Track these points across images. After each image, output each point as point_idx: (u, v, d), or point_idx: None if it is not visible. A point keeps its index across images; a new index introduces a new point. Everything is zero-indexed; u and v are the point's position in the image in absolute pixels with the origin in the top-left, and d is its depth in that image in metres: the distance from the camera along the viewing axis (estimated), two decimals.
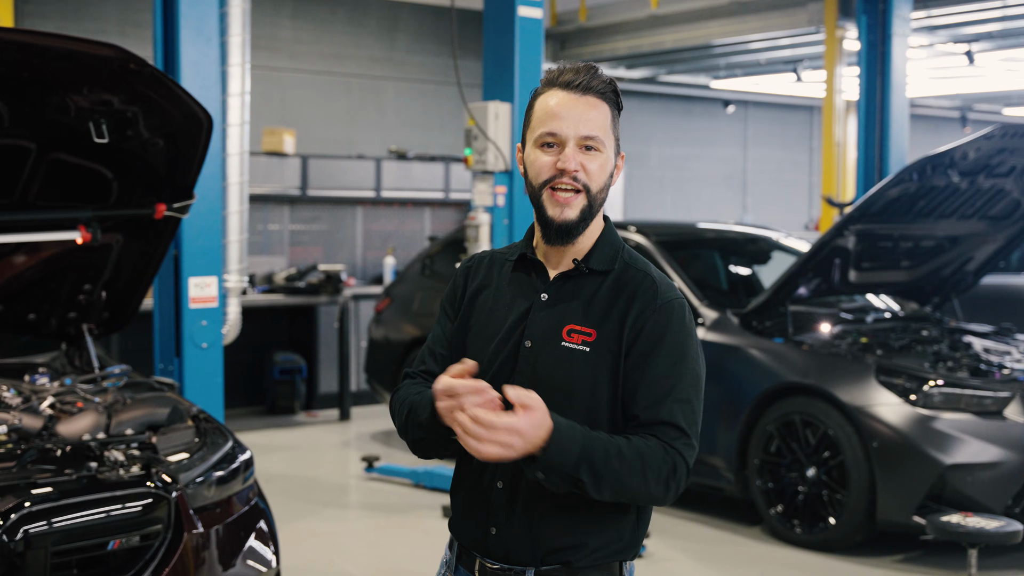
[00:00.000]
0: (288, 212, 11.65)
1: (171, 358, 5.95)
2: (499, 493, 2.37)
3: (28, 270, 4.51)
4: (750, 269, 8.33)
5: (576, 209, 2.32)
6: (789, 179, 19.47)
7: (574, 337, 2.33)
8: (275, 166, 11.30)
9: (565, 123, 2.31)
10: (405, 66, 13.85)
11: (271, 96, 12.94)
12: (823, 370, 6.44)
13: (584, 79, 2.32)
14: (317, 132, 13.10)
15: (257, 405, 10.78)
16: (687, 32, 13.18)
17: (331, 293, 10.60)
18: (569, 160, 2.30)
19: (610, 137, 2.35)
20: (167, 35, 5.86)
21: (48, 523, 3.39)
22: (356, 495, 7.80)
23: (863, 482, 6.10)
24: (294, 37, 13.17)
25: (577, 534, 2.33)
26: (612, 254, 2.40)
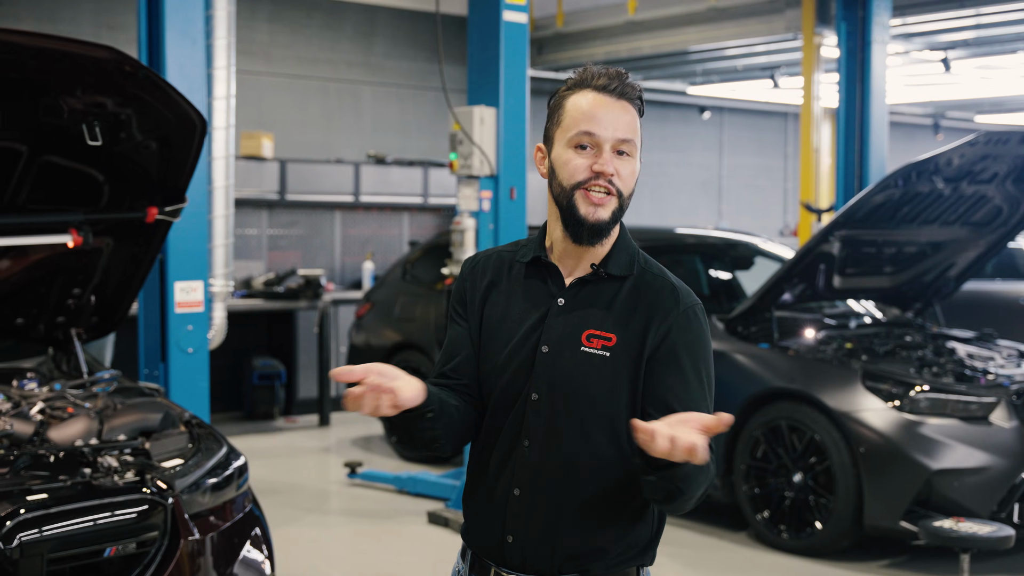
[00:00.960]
0: (266, 216, 11.59)
1: (156, 363, 5.90)
2: (517, 501, 2.35)
3: (17, 274, 4.45)
4: (731, 274, 8.34)
5: (609, 210, 2.31)
6: (764, 185, 19.55)
7: (594, 342, 2.31)
8: (253, 170, 11.24)
9: (602, 126, 2.29)
10: (382, 71, 13.81)
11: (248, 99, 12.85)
12: (809, 375, 6.45)
13: (619, 84, 2.32)
14: (294, 136, 13.04)
15: (236, 411, 10.71)
16: (664, 38, 13.20)
17: (310, 298, 10.55)
18: (607, 163, 2.29)
19: (639, 142, 2.35)
20: (152, 37, 5.81)
21: (43, 530, 3.35)
22: (339, 501, 7.75)
23: (850, 487, 6.11)
24: (270, 40, 13.11)
25: (597, 541, 2.31)
26: (629, 259, 2.39)
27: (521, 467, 2.34)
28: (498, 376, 2.38)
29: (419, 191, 12.44)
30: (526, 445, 2.34)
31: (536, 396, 2.34)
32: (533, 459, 2.33)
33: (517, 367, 2.36)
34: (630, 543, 2.34)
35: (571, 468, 2.31)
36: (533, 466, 2.33)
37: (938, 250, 7.40)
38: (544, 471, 2.32)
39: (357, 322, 9.59)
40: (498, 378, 2.38)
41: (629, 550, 2.35)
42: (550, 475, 2.32)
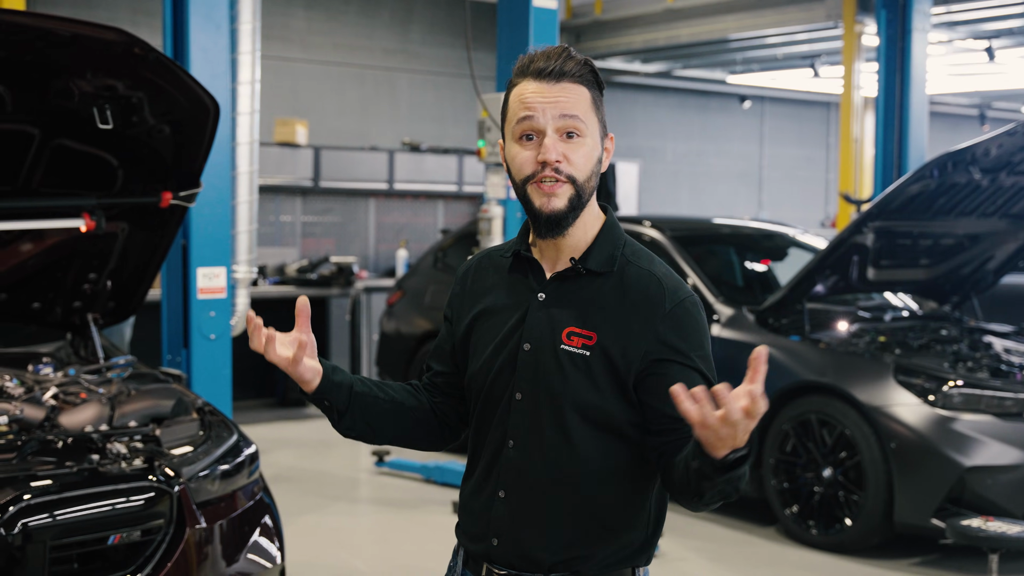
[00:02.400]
0: (300, 203, 11.59)
1: (179, 349, 5.88)
2: (500, 503, 2.26)
3: (33, 258, 4.43)
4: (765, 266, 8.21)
5: (563, 198, 2.18)
6: (805, 176, 19.34)
7: (574, 340, 2.20)
8: (287, 157, 11.23)
9: (540, 112, 2.16)
10: (419, 58, 13.76)
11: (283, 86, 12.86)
12: (840, 369, 6.33)
13: (556, 64, 2.17)
14: (330, 123, 13.02)
15: (268, 397, 10.72)
16: (703, 26, 13.06)
17: (343, 285, 10.52)
18: (549, 150, 2.16)
19: (592, 120, 2.20)
20: (177, 22, 5.78)
21: (47, 516, 3.32)
22: (366, 490, 7.72)
23: (880, 483, 5.99)
24: (307, 28, 13.09)
25: (582, 544, 2.22)
26: (611, 253, 2.26)
27: (506, 468, 2.26)
28: (484, 375, 2.30)
29: (454, 179, 12.39)
30: (510, 446, 2.25)
31: (520, 396, 2.25)
32: (517, 460, 2.24)
33: (501, 365, 2.28)
34: (621, 545, 2.24)
35: (554, 469, 2.21)
36: (517, 467, 2.24)
37: (976, 242, 7.25)
38: (528, 472, 2.23)
39: (388, 310, 9.55)
40: (484, 377, 2.30)
41: (620, 552, 2.24)
42: (534, 476, 2.23)
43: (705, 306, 6.90)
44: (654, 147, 17.18)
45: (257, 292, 10.27)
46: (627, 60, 15.48)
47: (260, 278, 10.47)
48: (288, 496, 7.28)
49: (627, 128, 16.75)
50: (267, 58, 12.62)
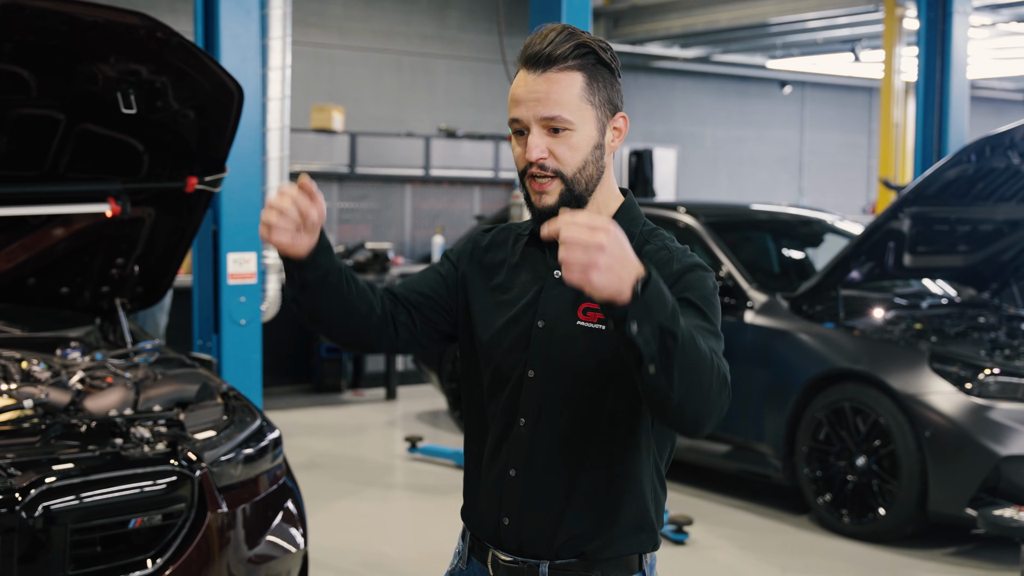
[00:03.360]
0: (337, 190, 11.60)
1: (209, 334, 5.89)
2: (512, 481, 2.24)
3: (60, 243, 4.45)
4: (803, 252, 8.13)
5: (554, 195, 2.15)
6: (847, 162, 19.15)
7: (590, 315, 2.17)
8: (324, 143, 11.25)
9: (524, 107, 2.14)
10: (456, 44, 13.74)
11: (321, 73, 12.89)
12: (875, 356, 6.26)
13: (546, 50, 2.12)
14: (367, 110, 13.03)
15: (304, 383, 10.76)
16: (742, 10, 12.95)
17: (378, 271, 10.54)
18: (532, 149, 2.13)
19: (582, 107, 2.15)
20: (207, 8, 5.78)
21: (68, 500, 3.33)
22: (399, 475, 7.73)
23: (914, 472, 5.92)
24: (344, 14, 13.10)
25: (592, 523, 2.19)
26: (629, 230, 2.19)
27: (517, 447, 2.24)
28: (493, 350, 2.27)
29: (490, 165, 12.37)
30: (522, 423, 2.23)
31: (532, 373, 2.22)
32: (529, 438, 2.22)
33: (513, 342, 2.25)
34: (629, 528, 2.22)
35: (567, 446, 2.19)
36: (528, 445, 2.22)
37: (1016, 228, 7.12)
38: (539, 450, 2.21)
39: None
40: (493, 353, 2.27)
41: (628, 534, 2.22)
42: (546, 454, 2.21)
43: (738, 293, 6.92)
44: (693, 133, 17.06)
45: None
46: (666, 45, 15.38)
47: None
48: (321, 481, 7.31)
49: (666, 114, 16.65)
50: (305, 45, 12.67)
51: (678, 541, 6.08)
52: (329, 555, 5.79)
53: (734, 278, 7.01)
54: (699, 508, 6.74)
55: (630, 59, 16.08)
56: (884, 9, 11.31)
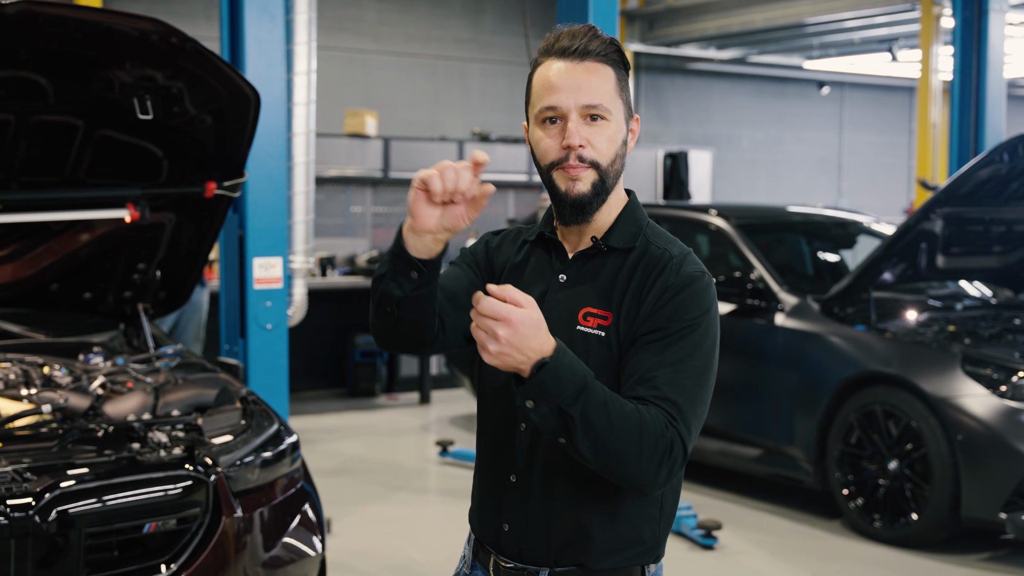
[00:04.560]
0: (371, 194, 11.62)
1: (236, 339, 5.91)
2: (512, 487, 2.22)
3: (82, 248, 4.48)
4: (838, 254, 8.05)
5: (587, 182, 2.14)
6: (887, 163, 18.96)
7: (590, 321, 2.16)
8: (357, 148, 11.27)
9: (564, 94, 2.12)
10: (490, 47, 13.74)
11: (355, 78, 12.93)
12: (906, 359, 6.18)
13: (581, 43, 2.12)
14: (402, 114, 13.05)
15: (339, 387, 10.79)
16: (778, 10, 12.85)
17: None
18: (573, 135, 2.11)
19: (617, 102, 2.16)
20: (232, 14, 5.80)
21: (82, 504, 3.34)
22: (429, 480, 7.72)
23: (947, 476, 5.84)
24: (379, 19, 13.14)
25: (592, 530, 2.16)
26: (634, 231, 2.22)
27: (518, 452, 2.22)
28: None
29: (524, 168, 12.34)
30: (523, 429, 2.21)
31: None
32: (529, 443, 2.20)
33: None
34: (629, 539, 2.18)
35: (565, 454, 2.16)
36: (529, 451, 2.20)
37: None
38: (540, 456, 2.19)
39: None
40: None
41: (629, 545, 2.18)
42: (546, 460, 2.18)
43: (769, 295, 6.85)
44: (730, 135, 16.96)
45: (328, 283, 10.35)
46: (701, 47, 15.30)
47: (329, 268, 10.54)
48: (352, 485, 7.32)
49: (702, 116, 16.57)
50: (339, 50, 12.72)
51: (707, 546, 6.03)
52: (355, 559, 5.79)
53: (764, 280, 6.95)
54: (729, 512, 6.68)
55: (666, 61, 16.02)
56: (920, 8, 11.19)
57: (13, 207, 4.17)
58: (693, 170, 13.59)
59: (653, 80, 16.00)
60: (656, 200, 13.22)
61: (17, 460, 3.44)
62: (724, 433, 7.01)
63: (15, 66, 3.71)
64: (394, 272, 2.07)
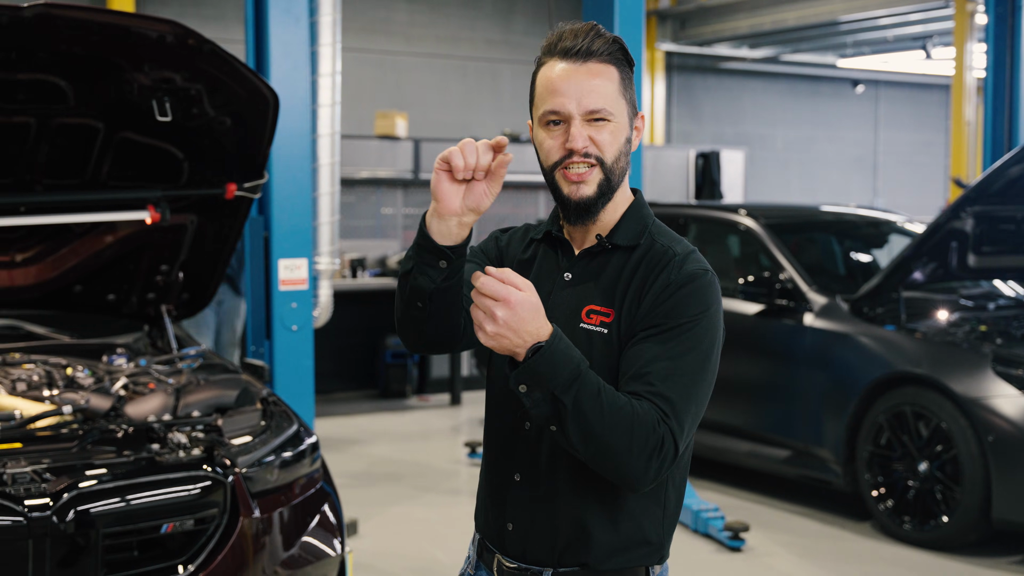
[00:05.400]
0: (401, 196, 11.63)
1: (262, 340, 5.93)
2: (516, 486, 2.22)
3: (105, 250, 4.51)
4: (870, 254, 7.98)
5: (593, 185, 2.13)
6: (923, 161, 18.79)
7: (593, 318, 2.15)
8: (387, 149, 11.28)
9: (567, 98, 2.11)
10: (521, 48, 13.72)
11: (387, 80, 12.96)
12: (936, 359, 6.11)
13: (584, 43, 2.12)
14: (433, 115, 13.06)
15: (370, 389, 10.81)
16: (810, 8, 12.77)
17: None
18: (576, 139, 2.11)
19: (620, 102, 2.15)
20: (258, 16, 5.82)
21: (100, 505, 3.35)
22: (458, 481, 7.72)
23: (978, 478, 5.77)
24: (409, 20, 13.16)
25: (593, 529, 2.15)
26: (639, 229, 2.20)
27: (523, 451, 2.21)
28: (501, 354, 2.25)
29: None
30: (527, 427, 2.20)
31: None
32: (534, 441, 2.19)
33: None
34: (633, 540, 2.16)
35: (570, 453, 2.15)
36: (533, 449, 2.20)
37: None
38: (544, 455, 2.18)
39: None
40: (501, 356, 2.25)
41: (632, 546, 2.17)
42: (550, 460, 2.17)
43: (797, 295, 6.79)
44: (763, 134, 16.86)
45: (357, 284, 10.37)
46: (734, 46, 15.22)
47: (360, 270, 10.56)
48: (381, 487, 7.33)
49: (735, 115, 16.48)
50: (370, 52, 12.75)
51: (734, 548, 5.98)
52: (380, 559, 5.79)
53: (793, 280, 6.90)
54: (757, 514, 6.64)
55: (698, 60, 15.94)
56: (954, 5, 11.09)
57: (36, 209, 4.20)
58: (725, 170, 13.52)
59: (685, 80, 15.94)
60: (688, 200, 13.15)
61: (37, 460, 3.47)
62: (752, 434, 6.97)
63: (35, 69, 3.74)
64: (421, 264, 2.07)
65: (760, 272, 7.13)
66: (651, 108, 15.26)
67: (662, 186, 13.04)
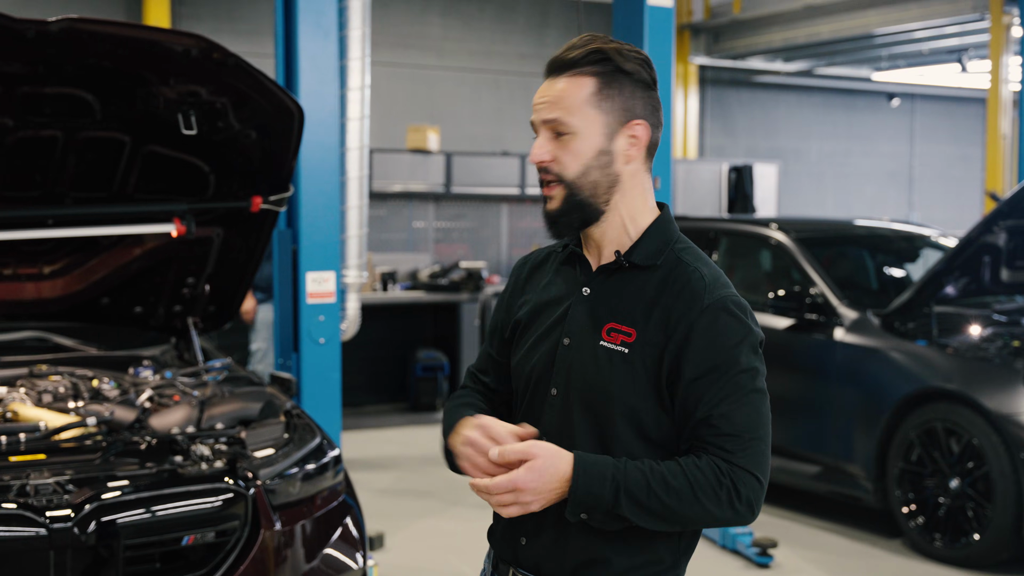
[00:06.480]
0: (433, 209, 11.66)
1: (289, 353, 5.94)
2: None
3: (132, 263, 4.53)
4: (903, 268, 7.91)
5: (557, 200, 2.16)
6: (960, 175, 18.64)
7: (613, 336, 2.13)
8: (419, 163, 11.32)
9: (536, 110, 2.17)
10: None
11: (419, 93, 13.00)
12: (968, 375, 6.05)
13: (565, 56, 2.14)
14: (466, 129, 13.09)
15: (400, 402, 10.82)
16: (845, 22, 12.71)
17: (472, 290, 10.55)
18: (533, 151, 2.17)
19: (586, 112, 2.12)
20: (288, 30, 5.86)
21: (122, 516, 3.37)
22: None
23: (1010, 495, 5.70)
24: (443, 35, 13.20)
25: (605, 550, 2.13)
26: (659, 248, 2.18)
27: None
28: (522, 368, 2.27)
29: None
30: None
31: (555, 391, 2.19)
32: None
33: (539, 359, 2.23)
34: (647, 559, 2.14)
35: None
36: None
37: None
38: None
39: None
40: (523, 370, 2.26)
41: (646, 566, 2.15)
42: None
43: (828, 310, 6.74)
44: (797, 148, 16.79)
45: (390, 298, 10.39)
46: (768, 59, 15.17)
47: (391, 283, 10.58)
48: (409, 500, 7.33)
49: (769, 129, 16.42)
50: (403, 66, 12.80)
51: (762, 564, 5.94)
52: (405, 573, 5.79)
53: (824, 295, 6.85)
54: (786, 530, 6.58)
55: (732, 74, 15.90)
56: (990, 17, 11.00)
57: (63, 222, 4.23)
58: (759, 184, 13.47)
59: (719, 93, 15.90)
60: (720, 214, 13.11)
61: (60, 472, 3.49)
62: (782, 450, 6.91)
63: (62, 83, 3.77)
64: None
65: (791, 287, 7.09)
66: (684, 121, 15.22)
67: (695, 200, 13.01)
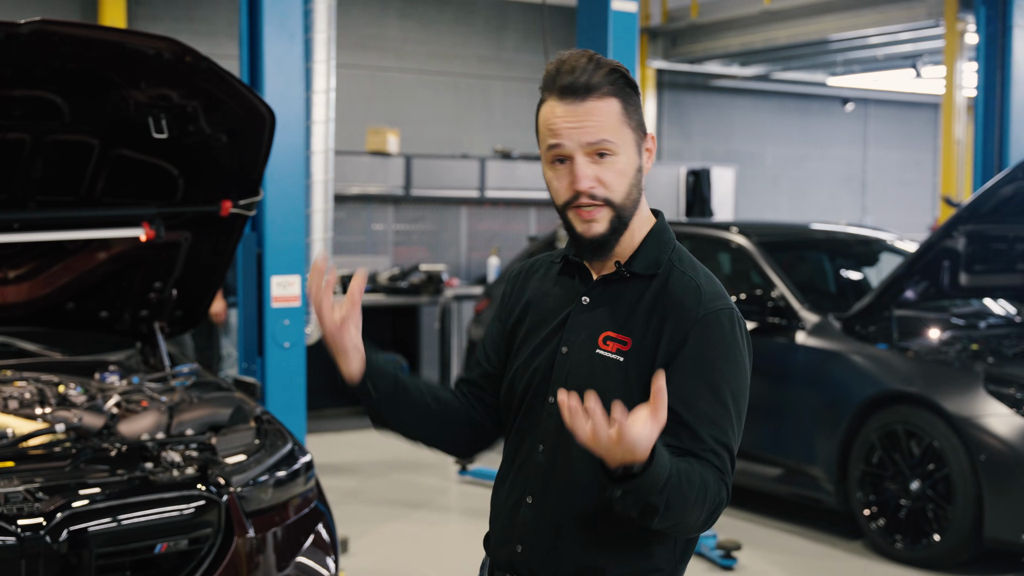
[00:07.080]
0: (392, 212, 11.63)
1: (254, 357, 5.90)
2: (527, 508, 2.22)
3: (99, 267, 4.49)
4: (861, 272, 7.99)
5: (604, 222, 2.13)
6: (912, 179, 18.87)
7: (609, 345, 2.15)
8: (379, 166, 11.29)
9: (567, 136, 2.10)
10: (513, 65, 13.76)
11: (377, 96, 12.97)
12: (928, 378, 6.12)
13: (582, 79, 2.09)
14: (425, 132, 13.07)
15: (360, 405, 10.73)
16: (801, 27, 12.83)
17: (432, 293, 10.54)
18: (580, 179, 2.10)
19: (623, 132, 2.13)
20: (252, 32, 5.81)
21: (93, 524, 3.33)
22: (449, 498, 7.70)
23: (970, 497, 5.77)
24: (402, 37, 13.18)
25: (601, 558, 2.14)
26: (658, 257, 2.20)
27: (535, 473, 2.22)
28: (522, 376, 2.27)
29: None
30: (540, 450, 2.21)
31: (553, 399, 2.20)
32: (545, 465, 2.20)
33: (538, 367, 2.24)
34: (645, 565, 2.16)
35: (580, 476, 2.15)
36: (545, 473, 2.20)
37: None
38: (556, 478, 2.19)
39: (476, 317, 9.53)
40: (521, 378, 2.27)
41: (645, 572, 2.16)
42: (562, 483, 2.18)
43: (790, 313, 6.80)
44: (753, 152, 16.92)
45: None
46: (725, 63, 15.28)
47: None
48: (371, 504, 7.30)
49: (725, 133, 16.53)
50: (362, 68, 12.76)
51: (726, 567, 5.98)
52: None
53: (785, 299, 6.90)
54: (749, 532, 6.63)
55: (689, 78, 15.99)
56: (944, 24, 11.14)
57: (30, 226, 4.19)
58: (716, 187, 13.55)
59: (676, 97, 15.98)
60: (678, 218, 13.17)
61: (29, 479, 3.45)
62: (745, 452, 6.95)
63: (31, 85, 3.73)
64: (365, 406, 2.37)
65: (752, 290, 7.13)
66: None
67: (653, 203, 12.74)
